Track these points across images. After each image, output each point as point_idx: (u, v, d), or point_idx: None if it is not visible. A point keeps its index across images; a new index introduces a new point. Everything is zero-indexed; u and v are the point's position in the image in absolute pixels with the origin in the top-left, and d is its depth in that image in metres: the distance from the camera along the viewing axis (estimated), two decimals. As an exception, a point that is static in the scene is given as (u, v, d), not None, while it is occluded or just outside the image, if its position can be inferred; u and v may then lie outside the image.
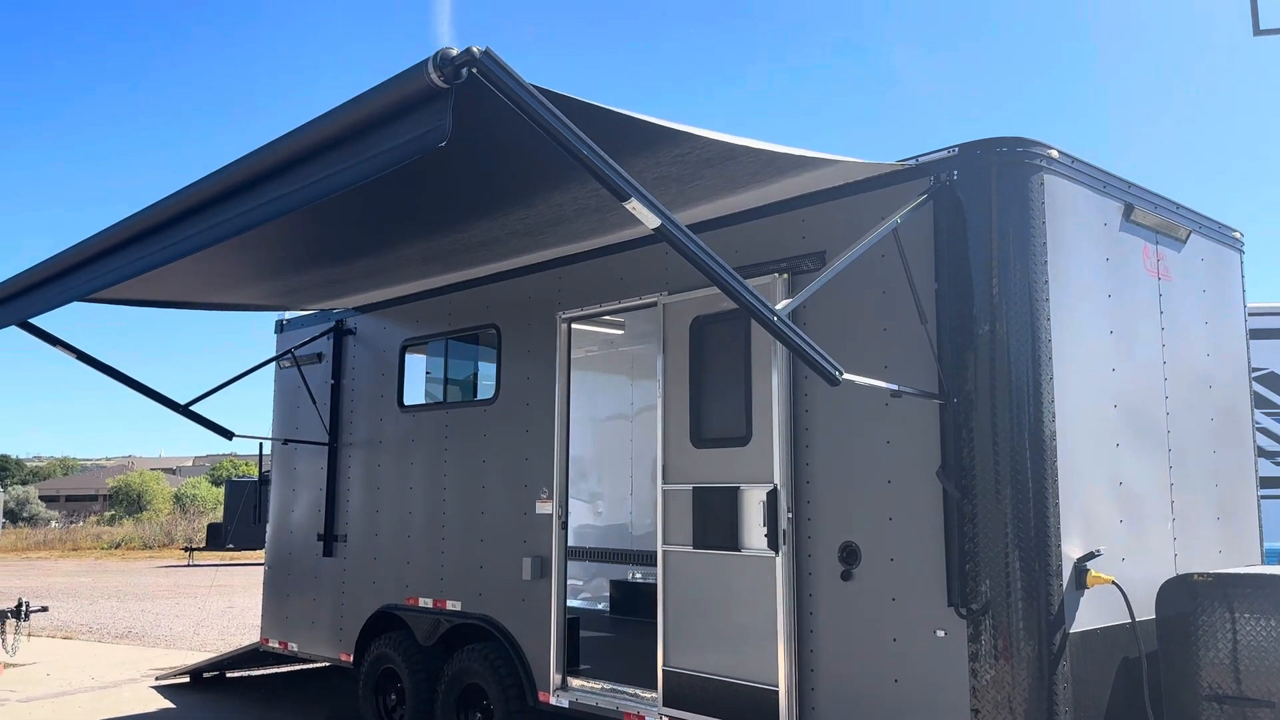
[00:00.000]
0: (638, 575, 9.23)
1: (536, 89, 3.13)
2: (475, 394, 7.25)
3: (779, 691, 4.89)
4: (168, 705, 9.04)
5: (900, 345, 4.68)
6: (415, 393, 7.67)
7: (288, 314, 8.90)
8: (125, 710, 8.81)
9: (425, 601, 7.08)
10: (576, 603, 8.97)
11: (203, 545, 31.11)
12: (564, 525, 6.25)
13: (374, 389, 7.88)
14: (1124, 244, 5.08)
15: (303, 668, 9.86)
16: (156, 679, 10.06)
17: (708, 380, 5.44)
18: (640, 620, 7.85)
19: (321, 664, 9.14)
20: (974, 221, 4.53)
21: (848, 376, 4.03)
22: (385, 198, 4.94)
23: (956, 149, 4.62)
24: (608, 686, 5.87)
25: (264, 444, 8.86)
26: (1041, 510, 4.33)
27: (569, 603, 6.28)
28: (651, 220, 3.46)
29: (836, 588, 4.81)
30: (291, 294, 7.54)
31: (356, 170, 3.36)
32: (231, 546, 28.92)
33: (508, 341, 6.76)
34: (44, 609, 11.55)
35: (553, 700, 6.04)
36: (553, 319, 6.41)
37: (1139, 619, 4.50)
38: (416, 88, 3.09)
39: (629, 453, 9.73)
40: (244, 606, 16.78)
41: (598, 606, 9.37)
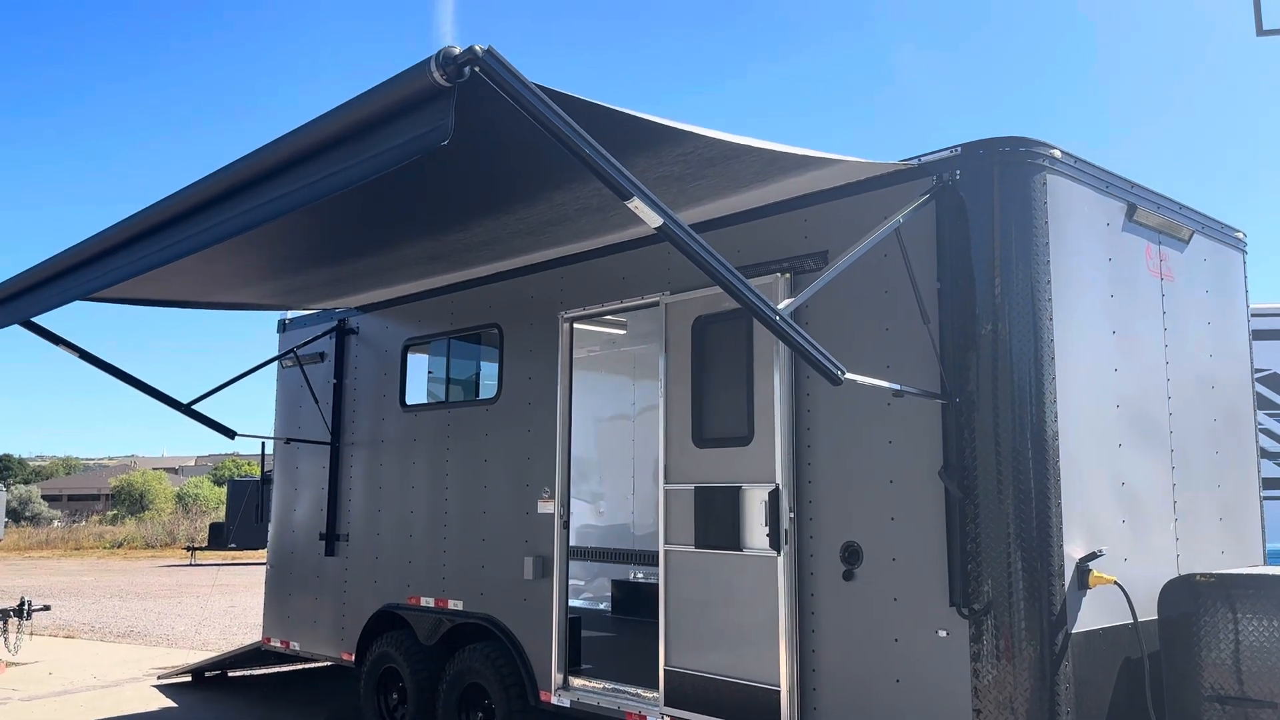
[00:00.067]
0: (639, 575, 9.23)
1: (539, 88, 3.12)
2: (477, 394, 7.24)
3: (780, 691, 4.88)
4: (169, 704, 9.04)
5: (902, 345, 4.68)
6: (417, 392, 7.67)
7: (290, 313, 8.91)
8: (127, 709, 8.82)
9: (427, 601, 7.08)
10: (578, 602, 8.97)
11: (205, 545, 31.09)
12: (566, 525, 6.25)
13: (376, 388, 7.88)
14: (1126, 244, 5.08)
15: (304, 667, 9.87)
16: (158, 678, 10.07)
17: (710, 380, 5.44)
18: (642, 620, 7.85)
19: (323, 663, 9.15)
20: (976, 221, 4.53)
21: (850, 376, 4.03)
22: (387, 197, 4.94)
23: (959, 149, 4.61)
24: (609, 686, 5.87)
25: (266, 443, 8.86)
26: (1044, 510, 4.32)
27: (571, 602, 6.28)
28: (654, 219, 3.46)
29: (838, 588, 4.80)
30: (294, 293, 7.54)
31: (358, 169, 3.36)
32: (234, 546, 28.94)
33: (510, 341, 6.76)
34: (46, 608, 11.58)
35: (554, 700, 6.04)
36: (555, 318, 6.41)
37: (1141, 619, 4.49)
38: (419, 86, 3.08)
39: (631, 452, 9.73)
40: (246, 606, 16.81)
41: (599, 606, 9.36)
